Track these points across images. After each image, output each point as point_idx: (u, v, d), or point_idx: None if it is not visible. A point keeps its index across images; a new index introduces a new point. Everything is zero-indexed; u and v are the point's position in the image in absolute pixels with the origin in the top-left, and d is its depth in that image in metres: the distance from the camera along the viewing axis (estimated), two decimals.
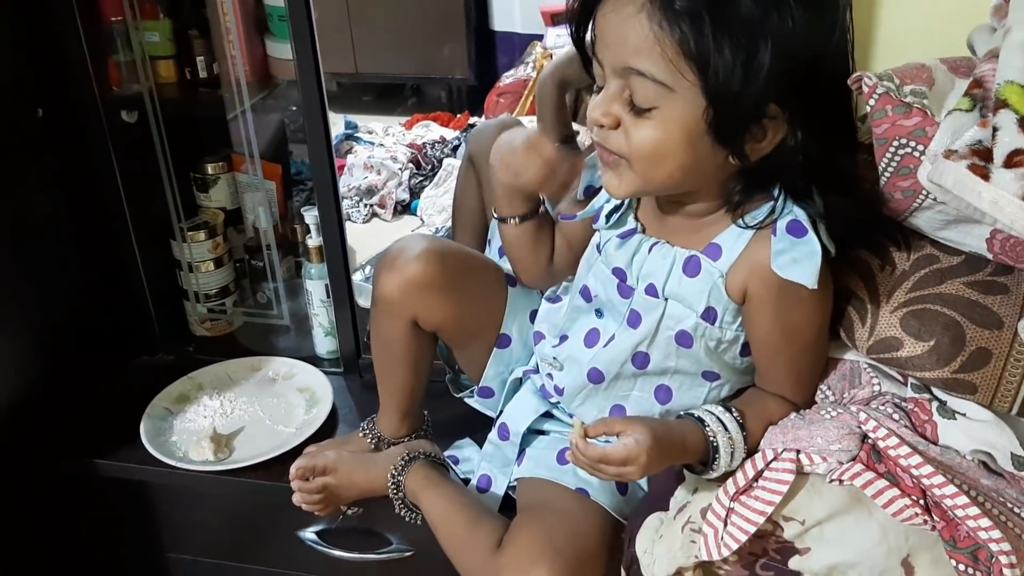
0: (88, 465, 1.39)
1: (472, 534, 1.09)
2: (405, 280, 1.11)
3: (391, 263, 1.13)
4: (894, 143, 0.90)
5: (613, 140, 0.91)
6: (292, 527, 1.38)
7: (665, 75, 0.85)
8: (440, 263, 1.11)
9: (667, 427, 0.95)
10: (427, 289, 1.12)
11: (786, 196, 0.93)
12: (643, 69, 0.86)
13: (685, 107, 0.86)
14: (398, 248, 1.14)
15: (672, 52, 0.84)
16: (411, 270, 1.11)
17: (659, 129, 0.88)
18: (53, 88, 1.40)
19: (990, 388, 0.92)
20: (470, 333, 1.20)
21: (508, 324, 1.20)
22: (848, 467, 0.90)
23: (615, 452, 0.91)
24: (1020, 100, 0.80)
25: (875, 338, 0.96)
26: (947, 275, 0.95)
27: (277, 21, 1.42)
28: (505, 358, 1.21)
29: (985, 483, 0.89)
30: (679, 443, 0.95)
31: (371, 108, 2.42)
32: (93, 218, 1.51)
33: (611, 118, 0.90)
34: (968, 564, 0.85)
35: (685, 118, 0.87)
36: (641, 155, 0.90)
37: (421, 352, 1.20)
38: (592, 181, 1.10)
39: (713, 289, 0.97)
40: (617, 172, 0.93)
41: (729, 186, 0.95)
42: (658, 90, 0.86)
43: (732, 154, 0.89)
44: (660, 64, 0.85)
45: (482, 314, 1.19)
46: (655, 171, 0.91)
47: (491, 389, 1.23)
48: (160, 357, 1.62)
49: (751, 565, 0.95)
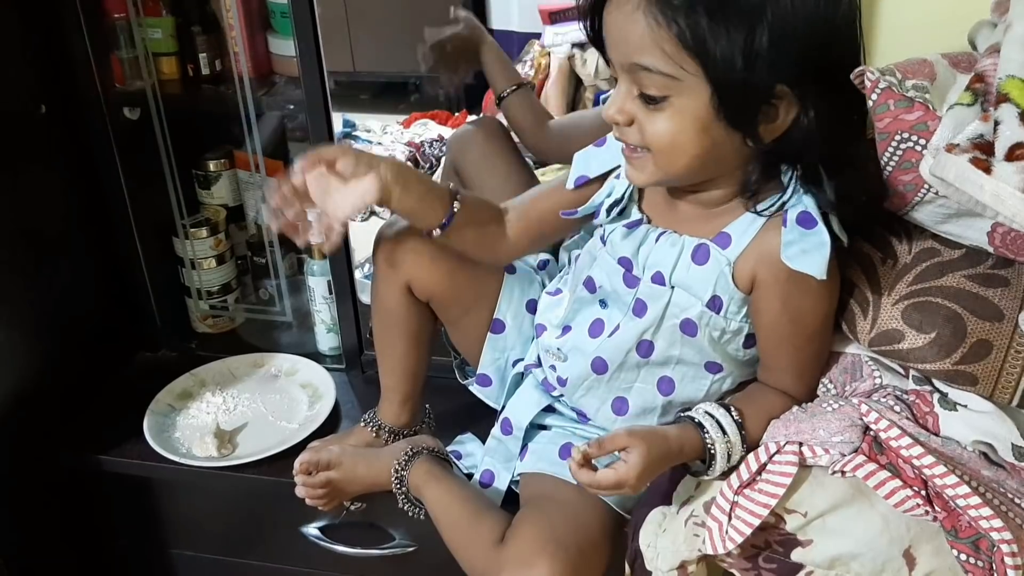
0: (92, 461, 1.40)
1: (475, 528, 1.09)
2: (399, 244, 1.13)
3: (387, 231, 1.15)
4: (896, 137, 0.91)
5: (631, 135, 0.93)
6: (295, 523, 1.39)
7: (669, 67, 0.87)
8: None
9: (664, 440, 0.95)
10: (420, 253, 1.13)
11: (797, 184, 0.95)
12: (647, 64, 0.87)
13: (693, 96, 0.88)
14: (395, 217, 1.15)
15: (671, 45, 0.85)
16: (405, 236, 1.13)
17: (673, 120, 0.90)
18: (56, 84, 1.40)
19: (991, 380, 0.93)
20: (462, 306, 1.20)
21: (503, 309, 1.21)
22: (850, 459, 0.90)
23: (605, 479, 0.92)
24: (1021, 94, 0.81)
25: (877, 330, 0.97)
26: (948, 268, 0.96)
27: (280, 18, 1.42)
28: (500, 344, 1.22)
29: (986, 474, 0.90)
30: (676, 453, 0.96)
31: (369, 106, 2.41)
32: (95, 215, 1.51)
33: (625, 115, 0.92)
34: (970, 553, 0.86)
35: (695, 106, 0.88)
36: (659, 147, 0.92)
37: (419, 325, 1.20)
38: (586, 171, 1.11)
39: (720, 278, 0.99)
40: (639, 164, 0.95)
41: (747, 171, 0.96)
42: (666, 81, 0.88)
43: (747, 136, 0.91)
44: (662, 58, 0.86)
45: (475, 287, 1.19)
46: (675, 161, 0.93)
47: (488, 377, 1.24)
48: (163, 354, 1.62)
49: (754, 557, 0.96)
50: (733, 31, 0.84)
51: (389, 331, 1.21)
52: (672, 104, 0.89)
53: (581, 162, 1.11)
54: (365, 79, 2.43)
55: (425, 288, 1.17)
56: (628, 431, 0.94)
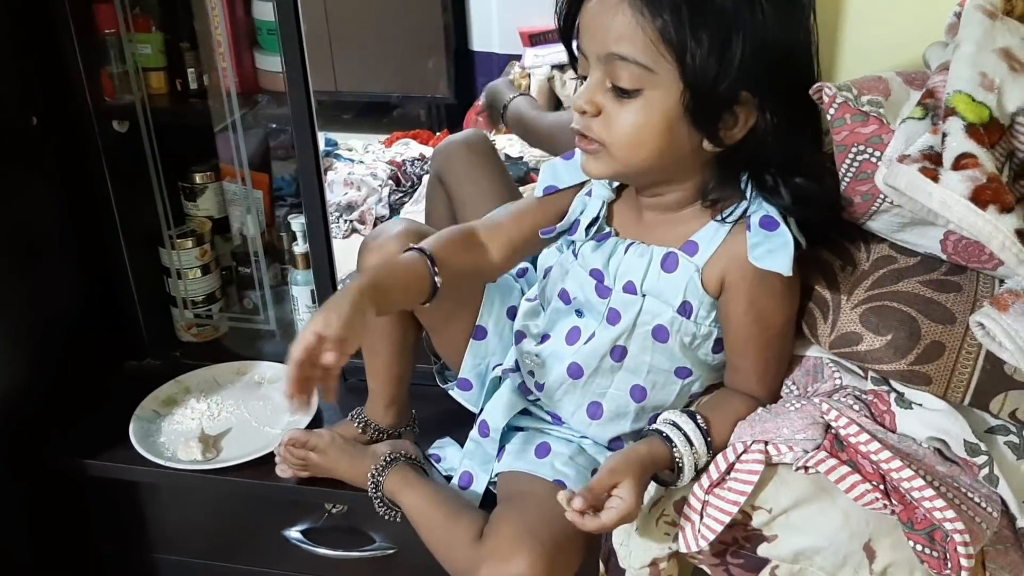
0: (77, 465, 1.41)
1: (452, 527, 1.12)
2: (383, 256, 1.13)
3: (372, 242, 1.17)
4: (853, 149, 0.95)
5: (595, 127, 0.96)
6: (278, 526, 1.40)
7: (646, 58, 0.90)
8: (416, 241, 1.11)
9: (640, 463, 0.96)
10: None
11: (756, 192, 0.99)
12: (625, 54, 0.91)
13: (665, 91, 0.92)
14: (379, 229, 1.18)
15: (653, 36, 0.89)
16: (389, 248, 1.13)
17: (640, 114, 0.93)
18: (47, 97, 1.42)
19: (944, 379, 0.96)
20: (445, 313, 1.22)
21: (484, 316, 1.23)
22: (813, 455, 0.93)
23: (610, 520, 0.93)
24: (967, 108, 0.85)
25: (837, 333, 1.00)
26: (904, 274, 1.00)
27: (266, 35, 1.46)
28: (481, 350, 1.25)
29: (940, 469, 0.93)
30: (650, 468, 0.97)
31: (351, 126, 2.41)
32: (84, 225, 1.53)
33: (593, 106, 0.95)
34: (925, 544, 0.89)
35: (665, 102, 0.92)
36: (621, 140, 0.95)
37: (403, 333, 1.23)
38: (554, 182, 1.13)
39: (690, 283, 1.02)
40: (597, 156, 0.98)
41: (704, 175, 1.00)
42: (641, 73, 0.91)
43: (707, 138, 0.95)
44: (642, 48, 0.90)
45: (457, 296, 1.19)
46: (633, 155, 0.96)
47: (469, 382, 1.27)
48: (148, 362, 1.63)
49: (722, 553, 0.99)
50: (713, 34, 0.88)
51: (374, 338, 1.24)
52: (643, 97, 0.92)
53: (549, 173, 1.14)
54: (347, 98, 2.43)
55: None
56: (609, 470, 0.94)
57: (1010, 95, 0.87)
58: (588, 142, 0.98)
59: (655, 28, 0.89)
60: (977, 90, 0.86)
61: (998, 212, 0.81)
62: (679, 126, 0.94)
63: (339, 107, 2.43)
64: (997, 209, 0.81)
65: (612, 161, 0.97)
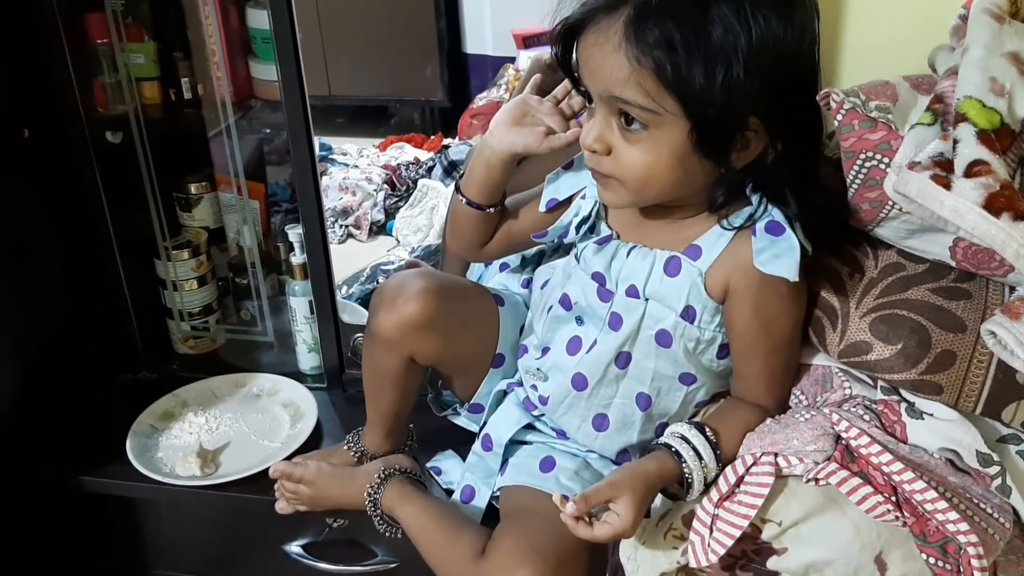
0: (73, 481, 1.40)
1: (453, 543, 1.11)
2: (404, 321, 1.12)
3: (390, 302, 1.14)
4: (861, 156, 0.94)
5: (605, 164, 0.96)
6: (278, 541, 1.39)
7: (648, 101, 0.89)
8: (437, 302, 1.12)
9: (645, 478, 0.95)
10: (425, 329, 1.13)
11: (763, 199, 0.98)
12: (627, 98, 0.90)
13: (671, 128, 0.90)
14: (396, 285, 1.14)
15: (651, 83, 0.88)
16: (409, 311, 1.12)
17: (649, 152, 0.92)
18: (39, 109, 1.41)
19: (955, 389, 0.95)
20: (466, 363, 1.22)
21: (502, 345, 1.22)
22: (824, 467, 0.92)
23: (602, 534, 0.93)
24: (978, 114, 0.84)
25: (846, 342, 0.99)
26: (913, 282, 0.99)
27: (261, 43, 1.44)
28: (498, 376, 1.23)
29: (952, 480, 0.92)
30: (657, 484, 0.97)
31: (345, 130, 2.42)
32: (78, 237, 1.51)
33: (603, 144, 0.95)
34: (938, 557, 0.88)
35: (673, 139, 0.91)
36: (634, 176, 0.94)
37: (413, 381, 1.22)
38: (556, 194, 1.13)
39: (693, 288, 1.01)
40: (612, 189, 0.98)
41: (715, 189, 0.99)
42: (645, 114, 0.90)
43: (719, 165, 0.94)
44: (642, 94, 0.89)
45: (477, 344, 1.20)
46: (647, 188, 0.96)
47: (481, 405, 1.25)
48: (144, 375, 1.62)
49: (731, 567, 0.97)
50: (710, 67, 0.86)
51: (381, 388, 1.22)
52: (651, 135, 0.92)
53: (551, 185, 1.13)
54: (341, 103, 2.45)
55: (430, 358, 1.18)
56: (610, 483, 0.94)
57: (1020, 100, 0.86)
58: (602, 176, 0.98)
59: (651, 73, 0.87)
60: (987, 95, 0.85)
61: (1012, 220, 0.80)
62: (690, 158, 0.93)
63: (333, 111, 2.44)
64: (1011, 217, 0.80)
65: (627, 193, 0.97)
